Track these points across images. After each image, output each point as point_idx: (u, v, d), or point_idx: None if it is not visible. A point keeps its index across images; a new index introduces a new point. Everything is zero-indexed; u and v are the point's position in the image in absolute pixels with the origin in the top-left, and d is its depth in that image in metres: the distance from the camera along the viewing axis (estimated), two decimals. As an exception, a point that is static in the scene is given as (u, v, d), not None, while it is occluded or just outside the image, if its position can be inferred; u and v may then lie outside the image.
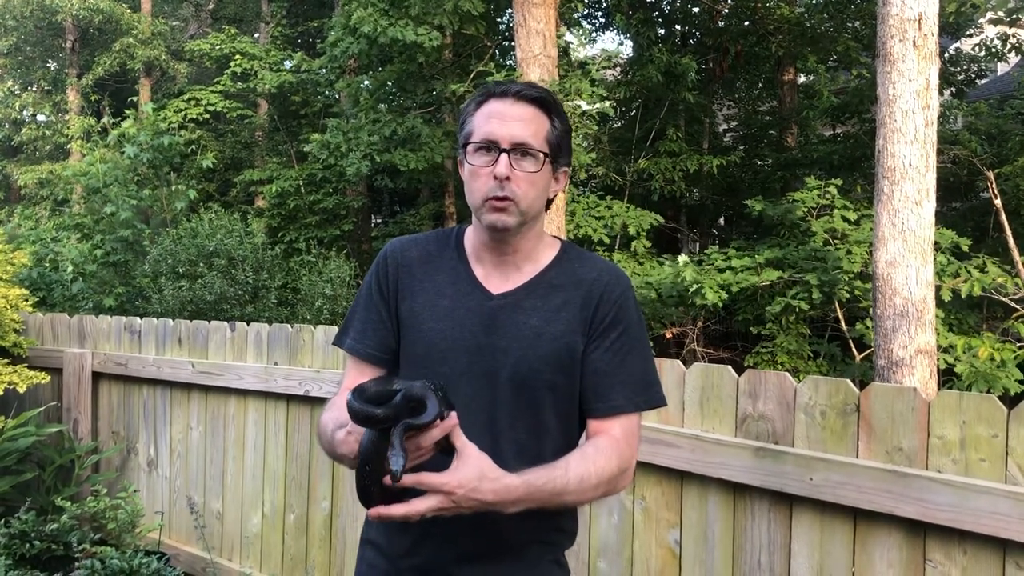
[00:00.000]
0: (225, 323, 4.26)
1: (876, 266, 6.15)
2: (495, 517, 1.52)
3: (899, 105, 6.11)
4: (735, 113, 17.56)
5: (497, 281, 1.75)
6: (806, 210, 7.87)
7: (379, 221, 18.78)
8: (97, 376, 4.84)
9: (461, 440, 1.46)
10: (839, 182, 8.13)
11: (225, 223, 7.89)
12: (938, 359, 6.12)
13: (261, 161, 15.63)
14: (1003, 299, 5.82)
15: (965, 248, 7.18)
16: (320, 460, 3.74)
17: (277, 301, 8.22)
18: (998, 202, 5.37)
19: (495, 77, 8.30)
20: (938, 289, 6.36)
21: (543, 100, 1.71)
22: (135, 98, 14.29)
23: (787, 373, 2.39)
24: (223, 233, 7.81)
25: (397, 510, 1.44)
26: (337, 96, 15.09)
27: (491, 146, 1.67)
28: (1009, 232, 5.40)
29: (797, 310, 7.10)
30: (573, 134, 2.05)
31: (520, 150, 1.66)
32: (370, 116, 9.42)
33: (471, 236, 1.80)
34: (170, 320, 4.55)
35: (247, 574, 3.72)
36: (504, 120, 1.67)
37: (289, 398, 3.88)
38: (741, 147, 15.51)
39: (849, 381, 2.27)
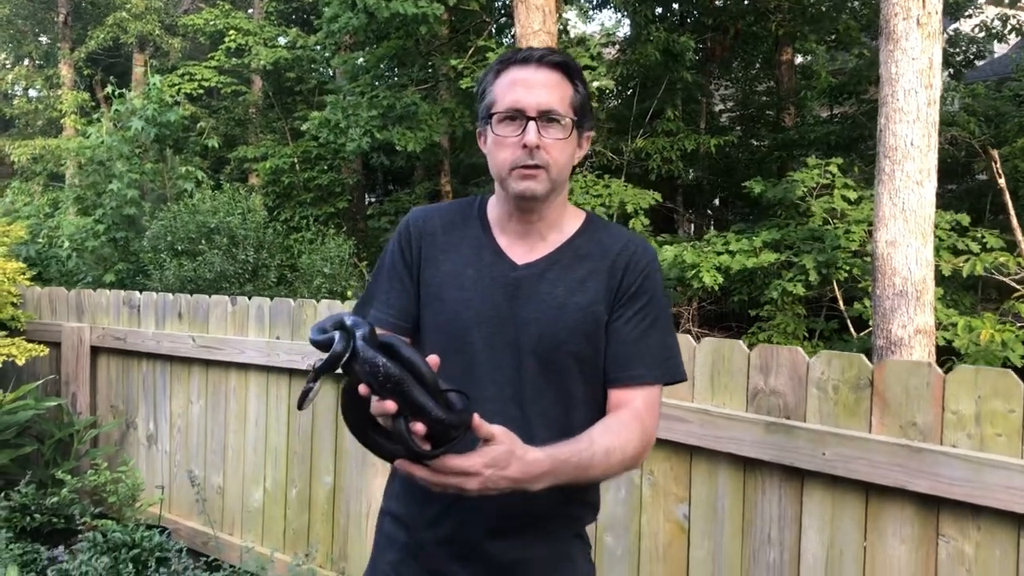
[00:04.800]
0: (226, 297, 4.23)
1: (876, 246, 6.14)
2: (513, 492, 1.51)
3: (902, 84, 6.07)
4: (732, 93, 17.51)
5: (521, 251, 1.73)
6: (805, 190, 7.85)
7: (372, 199, 18.72)
8: (96, 350, 4.81)
9: (486, 429, 1.42)
10: (840, 161, 8.11)
11: (228, 200, 7.83)
12: (936, 336, 6.13)
13: (255, 138, 15.54)
14: (1004, 279, 5.81)
15: (965, 224, 7.17)
16: (323, 435, 3.73)
17: (276, 279, 8.19)
18: (1002, 182, 5.35)
19: (496, 53, 8.23)
20: (937, 266, 6.36)
21: (566, 65, 1.68)
22: (143, 68, 14.15)
23: (799, 348, 2.38)
24: (225, 211, 7.76)
25: (419, 471, 1.41)
26: (332, 73, 15.00)
27: (517, 115, 1.63)
28: (1012, 212, 5.39)
29: (793, 293, 7.09)
30: None
31: (547, 117, 1.63)
32: (368, 92, 9.35)
33: (494, 206, 1.77)
34: (170, 294, 4.52)
35: (248, 548, 3.71)
36: (529, 87, 1.64)
37: (292, 372, 3.86)
38: (738, 127, 15.47)
39: (863, 356, 2.26)
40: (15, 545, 3.69)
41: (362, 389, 1.34)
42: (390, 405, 1.33)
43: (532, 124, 1.62)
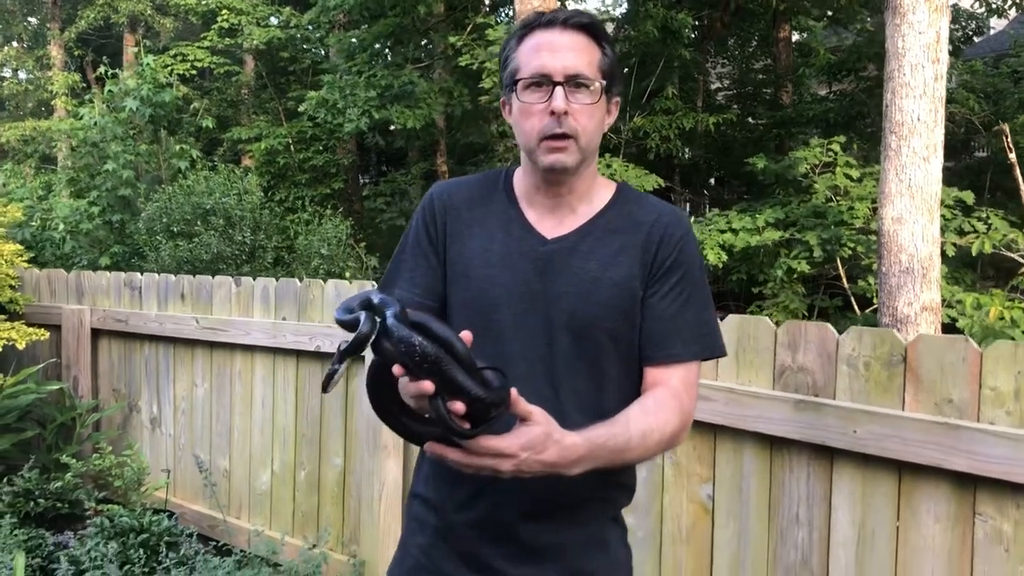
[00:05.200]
0: (230, 278, 4.16)
1: (882, 223, 6.09)
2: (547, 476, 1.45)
3: (908, 59, 6.02)
4: (728, 71, 17.41)
5: (551, 224, 1.66)
6: (808, 167, 7.79)
7: (366, 181, 18.60)
8: (96, 333, 4.74)
9: (524, 406, 1.36)
10: (842, 139, 8.05)
11: (223, 181, 7.74)
12: (941, 315, 6.09)
13: (247, 119, 15.39)
14: (1012, 255, 5.77)
15: (970, 202, 7.13)
16: (332, 416, 3.67)
17: (273, 261, 8.11)
18: (1012, 156, 5.30)
19: (495, 30, 8.14)
20: (942, 245, 6.32)
21: (593, 27, 1.60)
22: (135, 49, 13.97)
23: (828, 324, 2.33)
24: (221, 191, 7.67)
25: (452, 453, 1.35)
26: (325, 53, 14.85)
27: (543, 80, 1.56)
28: (1023, 187, 5.34)
29: (799, 270, 7.04)
30: None
31: (575, 81, 1.55)
32: (365, 71, 9.23)
33: (521, 178, 1.71)
34: (171, 276, 4.45)
35: (259, 532, 3.66)
36: (555, 51, 1.56)
37: (299, 354, 3.80)
38: (734, 106, 15.38)
39: (895, 331, 2.21)
40: (20, 531, 3.63)
41: (396, 370, 1.28)
42: (427, 385, 1.26)
43: (559, 89, 1.55)
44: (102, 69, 10.95)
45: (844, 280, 7.46)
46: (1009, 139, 5.37)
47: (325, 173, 13.51)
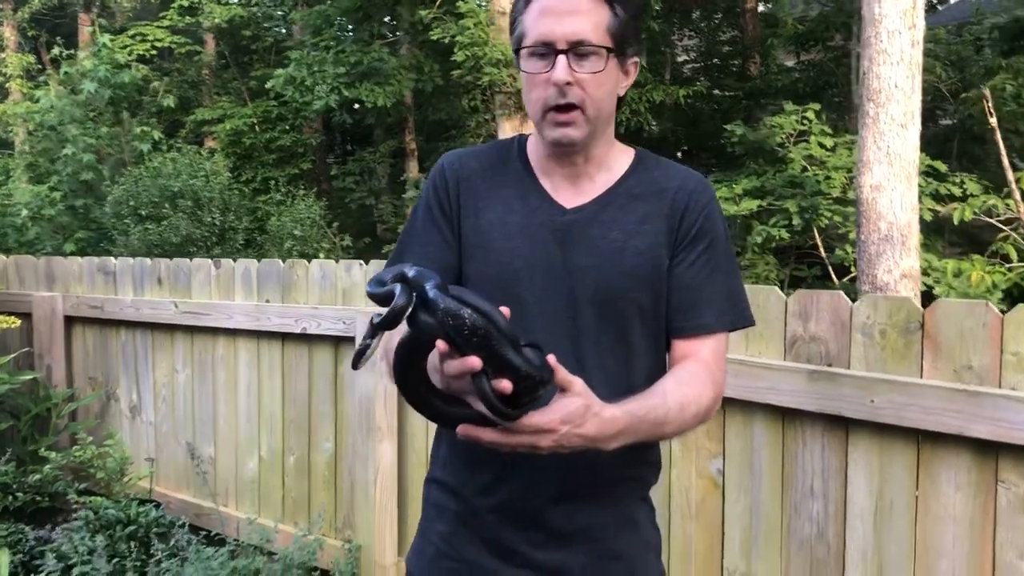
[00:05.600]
0: (209, 260, 4.04)
1: (860, 191, 6.07)
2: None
3: (885, 25, 5.97)
4: (695, 44, 17.35)
5: (569, 194, 1.58)
6: (784, 136, 7.76)
7: (331, 160, 18.37)
8: (70, 320, 4.60)
9: (564, 375, 1.28)
10: (817, 107, 8.03)
11: (190, 162, 7.57)
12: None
13: (210, 100, 15.09)
14: (991, 221, 5.78)
15: (943, 170, 7.15)
16: (321, 400, 3.58)
17: (245, 242, 7.97)
18: (993, 121, 5.30)
19: (466, 3, 8.00)
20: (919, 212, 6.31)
21: None
22: (91, 29, 13.65)
23: (841, 292, 2.28)
24: (188, 173, 7.50)
25: (487, 435, 1.28)
26: (289, 30, 14.59)
27: (546, 49, 1.48)
28: (1004, 152, 5.34)
29: (778, 238, 7.03)
30: None
31: (579, 49, 1.46)
32: (334, 46, 9.04)
33: (534, 146, 1.62)
34: (147, 259, 4.32)
35: (251, 520, 3.57)
36: (558, 16, 1.46)
37: (284, 336, 3.70)
38: (702, 78, 15.33)
39: (911, 298, 2.16)
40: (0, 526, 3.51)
41: (441, 345, 1.20)
42: (475, 361, 1.18)
43: (562, 59, 1.46)
44: (57, 50, 10.65)
45: (821, 249, 7.46)
46: (990, 103, 5.37)
47: (292, 153, 13.32)
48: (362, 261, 3.55)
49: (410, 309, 1.23)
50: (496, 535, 1.55)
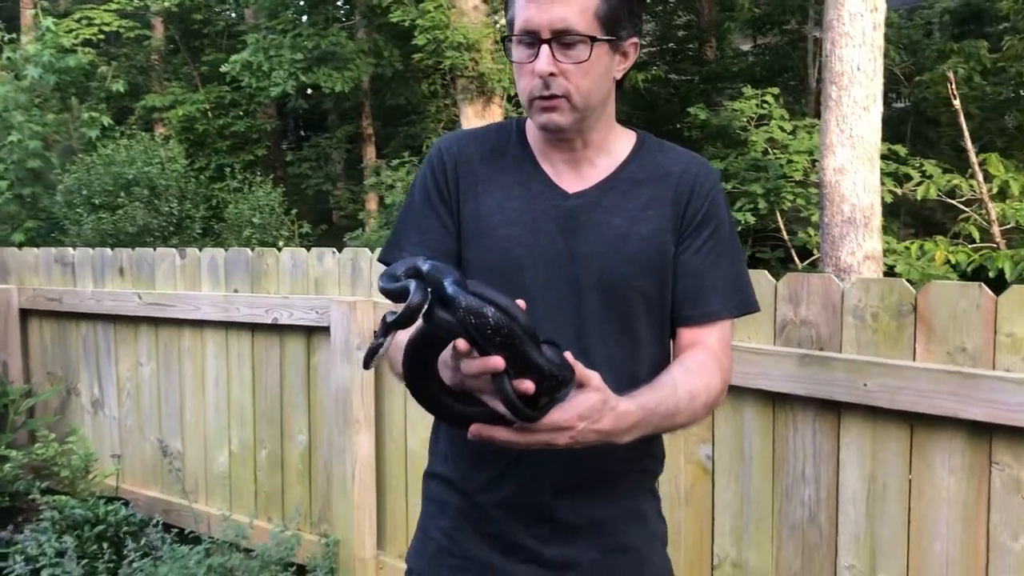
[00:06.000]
0: (174, 250, 3.93)
1: (824, 174, 6.11)
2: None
3: (847, 7, 6.00)
4: (650, 29, 17.36)
5: (570, 179, 1.53)
6: (745, 119, 7.79)
7: (285, 146, 18.11)
8: (25, 313, 4.46)
9: (582, 370, 1.24)
10: (776, 91, 8.07)
11: (144, 149, 7.38)
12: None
13: (159, 86, 14.76)
14: (951, 201, 5.85)
15: (902, 153, 7.22)
16: (294, 392, 3.50)
17: (202, 231, 7.81)
18: (956, 103, 5.35)
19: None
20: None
21: None
22: (33, 11, 13.24)
23: (831, 275, 2.26)
24: (143, 160, 7.31)
25: (502, 434, 1.23)
26: (237, 15, 14.31)
27: (531, 37, 1.42)
28: (967, 133, 5.40)
29: (743, 222, 7.05)
30: (501, 66, 1.72)
31: (563, 39, 1.40)
32: (291, 30, 8.87)
33: (533, 130, 1.57)
34: (108, 249, 4.19)
35: (226, 516, 3.48)
36: (542, 3, 1.40)
37: (254, 328, 3.61)
38: (658, 63, 15.34)
39: (904, 280, 2.15)
40: (-41, 528, 3.39)
41: (461, 345, 1.14)
42: (498, 362, 1.13)
43: (544, 49, 1.40)
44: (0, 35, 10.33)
45: (783, 232, 7.51)
46: (953, 86, 5.43)
47: (246, 139, 13.10)
48: (334, 249, 3.47)
49: (426, 306, 1.17)
50: (501, 530, 1.51)
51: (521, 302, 1.21)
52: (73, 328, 4.31)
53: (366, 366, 1.26)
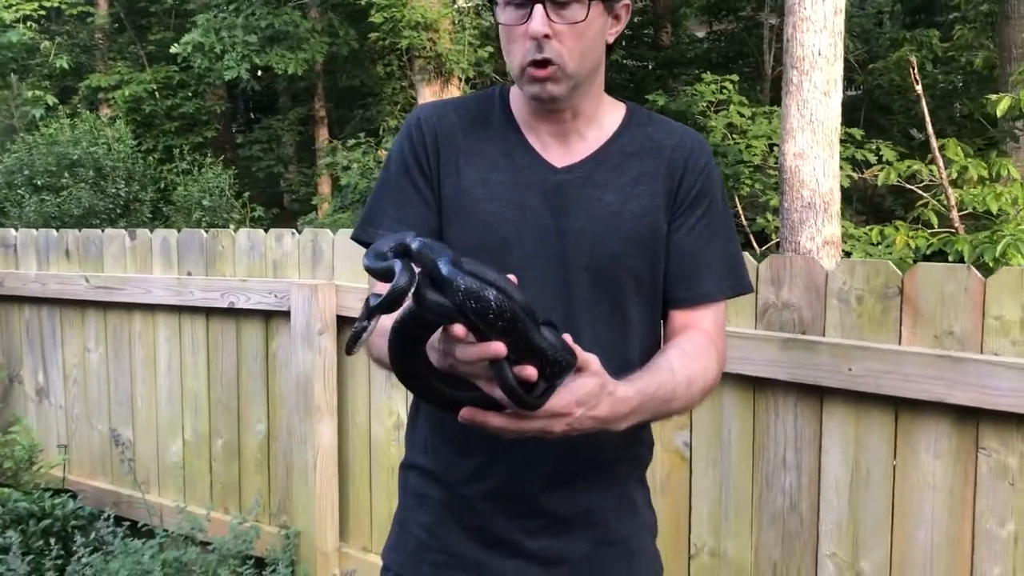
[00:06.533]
0: (123, 231, 3.77)
1: (784, 159, 6.09)
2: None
3: (809, -9, 5.98)
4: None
5: (558, 152, 1.44)
6: (705, 104, 7.76)
7: (235, 129, 17.74)
8: (-36, 298, 4.25)
9: (581, 354, 1.15)
10: (735, 77, 8.05)
11: (89, 128, 7.14)
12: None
13: (105, 66, 14.34)
14: (911, 187, 5.88)
15: (859, 137, 7.25)
16: (251, 378, 3.37)
17: (151, 214, 7.59)
18: (919, 88, 5.35)
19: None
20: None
21: None
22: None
23: (814, 257, 2.20)
24: (88, 141, 7.07)
25: (495, 420, 1.14)
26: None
27: None
28: (928, 119, 5.41)
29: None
30: (464, 32, 1.63)
31: None
32: (244, 9, 8.62)
33: (519, 100, 1.47)
34: (53, 231, 4.01)
35: (181, 508, 3.35)
36: None
37: (209, 312, 3.47)
38: (614, 48, 15.28)
39: (890, 263, 2.10)
40: None
41: (458, 331, 1.05)
42: (500, 348, 1.04)
43: (538, 9, 1.31)
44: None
45: (742, 218, 7.50)
46: (915, 70, 5.44)
47: (195, 121, 12.77)
48: (294, 230, 3.34)
49: (414, 288, 1.07)
50: (485, 523, 1.42)
51: (513, 277, 1.12)
52: (16, 312, 4.12)
53: (349, 352, 1.16)
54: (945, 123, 11.26)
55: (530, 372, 1.06)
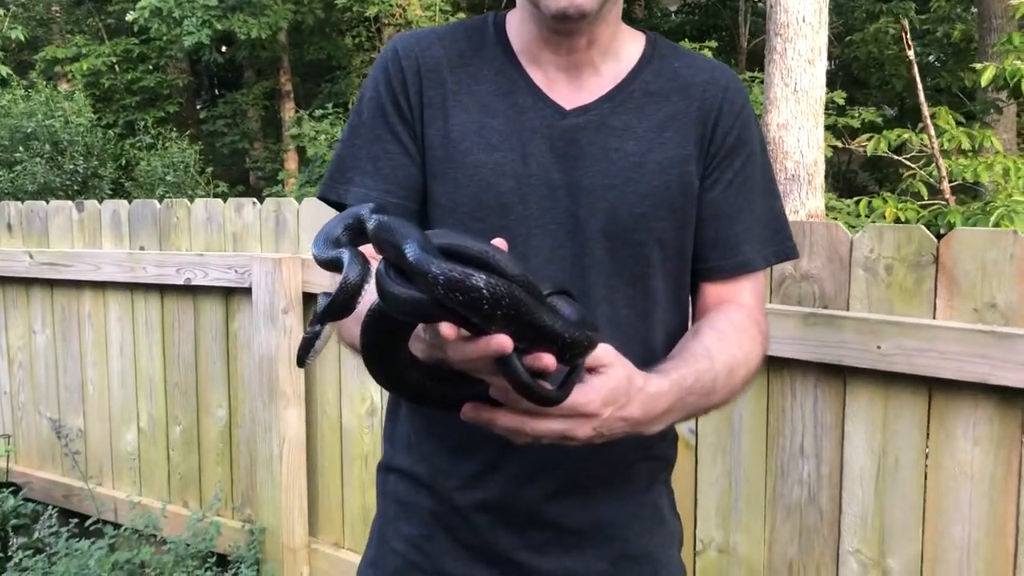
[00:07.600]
0: (70, 202, 3.48)
1: (767, 129, 5.90)
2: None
3: (794, -44, 5.78)
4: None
5: (567, 90, 1.19)
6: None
7: (199, 104, 17.27)
8: (-100, 276, 3.94)
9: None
10: (714, 44, 7.83)
11: (45, 100, 6.80)
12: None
13: (62, 39, 13.84)
14: (899, 158, 5.70)
15: (841, 102, 7.06)
16: (210, 361, 3.11)
17: (112, 190, 7.26)
18: (911, 53, 5.16)
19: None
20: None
21: None
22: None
23: (838, 223, 1.98)
24: (43, 114, 6.72)
25: (504, 419, 0.90)
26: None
27: None
28: (920, 88, 5.22)
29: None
30: (431, 13, 1.37)
31: None
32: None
33: (518, 28, 1.22)
34: (-6, 203, 3.71)
35: (134, 502, 3.09)
36: None
37: (163, 289, 3.20)
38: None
39: (923, 228, 1.88)
40: None
41: (448, 331, 0.80)
42: (506, 342, 0.79)
43: None
44: None
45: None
46: (908, 35, 5.24)
47: (157, 95, 12.35)
48: (255, 200, 3.08)
49: (367, 283, 0.83)
50: (484, 539, 1.17)
51: (501, 241, 0.87)
52: (-44, 292, 3.82)
53: (300, 363, 0.92)
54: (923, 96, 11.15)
55: (547, 361, 0.81)
